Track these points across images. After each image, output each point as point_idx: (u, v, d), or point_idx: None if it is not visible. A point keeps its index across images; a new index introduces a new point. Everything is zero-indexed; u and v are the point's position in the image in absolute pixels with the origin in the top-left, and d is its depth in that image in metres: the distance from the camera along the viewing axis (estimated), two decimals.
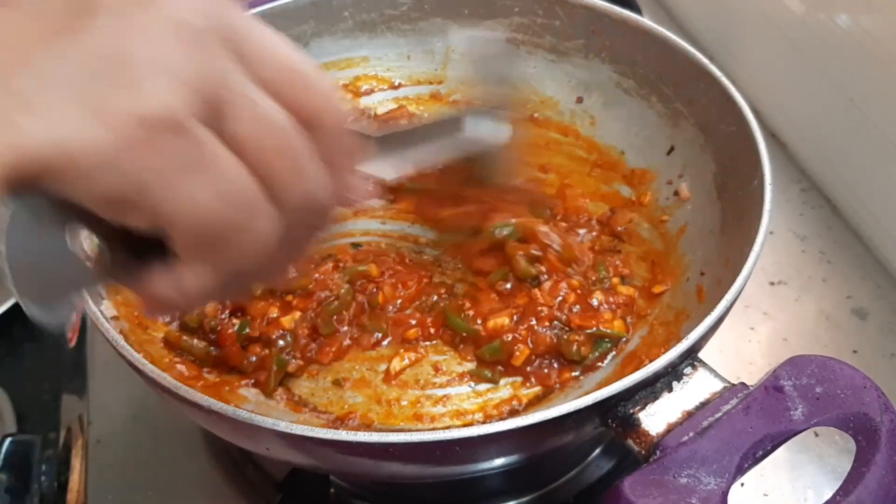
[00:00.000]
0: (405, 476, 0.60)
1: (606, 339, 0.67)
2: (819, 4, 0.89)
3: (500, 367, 0.67)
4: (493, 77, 0.66)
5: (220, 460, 0.75)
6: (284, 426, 0.48)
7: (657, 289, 0.71)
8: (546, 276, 0.70)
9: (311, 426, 0.48)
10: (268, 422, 0.48)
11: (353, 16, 0.85)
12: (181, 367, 0.65)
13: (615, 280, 0.72)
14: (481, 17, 0.85)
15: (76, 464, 0.76)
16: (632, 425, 0.50)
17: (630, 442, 0.51)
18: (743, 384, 0.51)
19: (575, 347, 0.66)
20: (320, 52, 0.86)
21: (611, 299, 0.69)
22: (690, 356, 0.53)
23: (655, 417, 0.50)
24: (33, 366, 1.23)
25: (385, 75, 0.88)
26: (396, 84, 0.89)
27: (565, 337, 0.66)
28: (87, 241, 0.63)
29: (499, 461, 0.55)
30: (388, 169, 0.55)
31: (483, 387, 0.67)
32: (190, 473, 0.74)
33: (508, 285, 0.70)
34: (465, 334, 0.68)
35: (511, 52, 0.79)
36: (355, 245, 0.76)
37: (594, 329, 0.67)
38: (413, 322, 0.70)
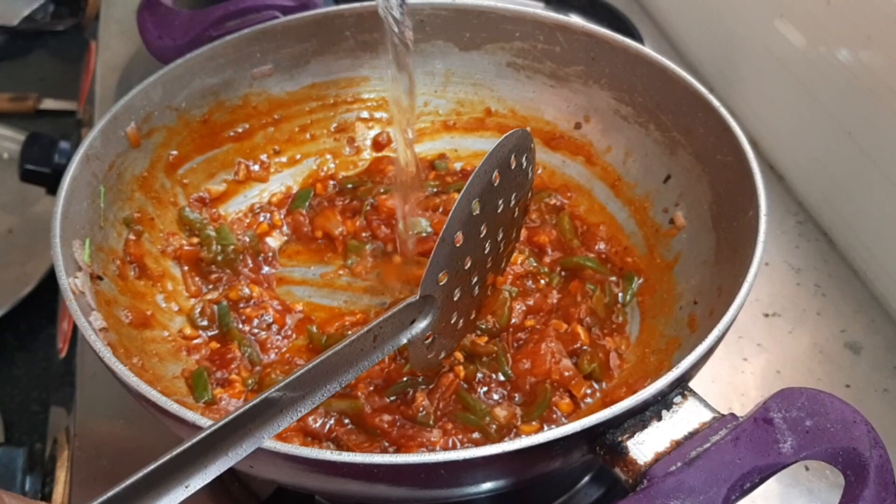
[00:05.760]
0: (391, 498, 0.59)
1: None
2: (820, 39, 0.89)
3: None
4: None
5: None
6: (268, 444, 0.47)
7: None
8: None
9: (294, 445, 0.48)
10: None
11: (354, 35, 0.85)
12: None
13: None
14: (483, 41, 0.85)
15: (61, 476, 0.76)
16: (619, 453, 0.50)
17: (618, 470, 0.50)
18: (733, 415, 0.50)
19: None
20: (321, 71, 0.86)
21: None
22: (680, 385, 0.52)
23: (643, 446, 0.50)
24: (23, 374, 1.23)
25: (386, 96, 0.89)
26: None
27: None
28: (78, 251, 0.64)
29: (486, 485, 0.55)
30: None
31: None
32: None
33: None
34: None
35: None
36: None
37: None
38: None
